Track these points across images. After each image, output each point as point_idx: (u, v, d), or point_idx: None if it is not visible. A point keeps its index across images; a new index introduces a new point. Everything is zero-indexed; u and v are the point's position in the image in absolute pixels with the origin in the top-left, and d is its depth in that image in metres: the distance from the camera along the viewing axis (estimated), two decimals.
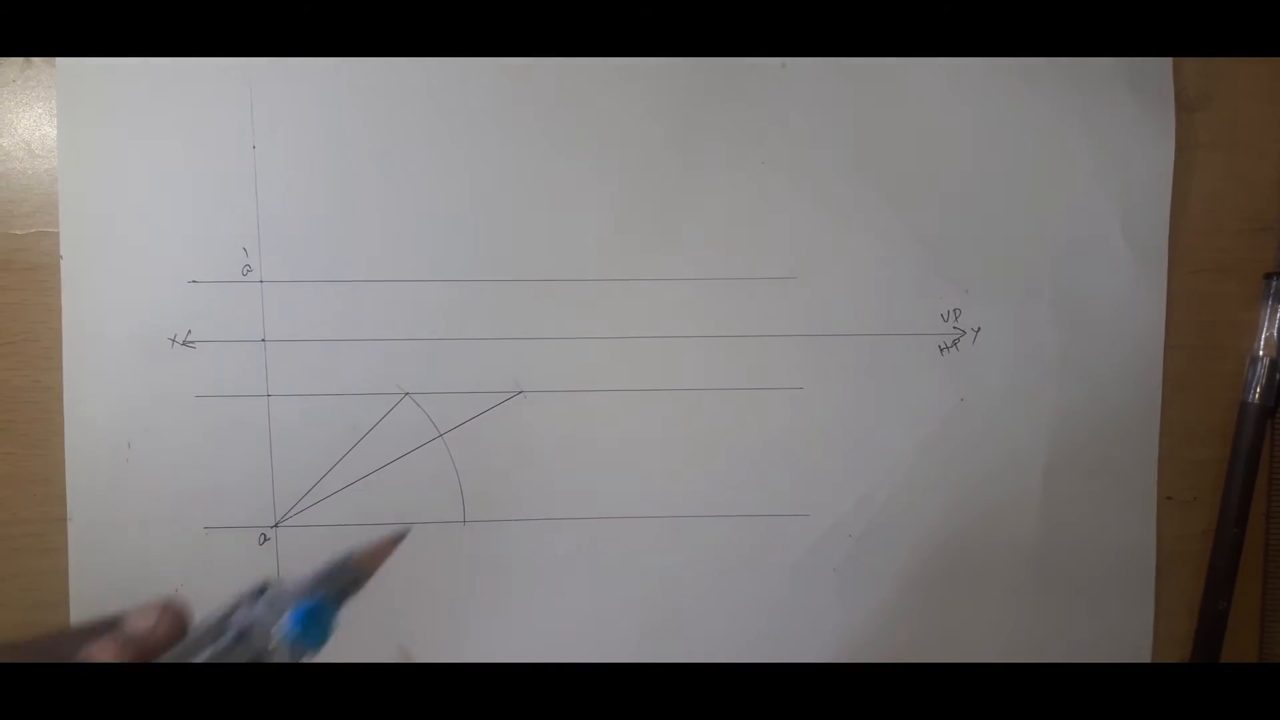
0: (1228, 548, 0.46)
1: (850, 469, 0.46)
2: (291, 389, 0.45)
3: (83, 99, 0.44)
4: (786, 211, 0.46)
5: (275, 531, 0.45)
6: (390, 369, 0.45)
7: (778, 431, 0.46)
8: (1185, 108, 0.46)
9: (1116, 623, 0.47)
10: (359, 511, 0.45)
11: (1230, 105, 0.46)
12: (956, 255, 0.46)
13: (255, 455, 0.45)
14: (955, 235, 0.46)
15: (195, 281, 0.44)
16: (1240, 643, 0.47)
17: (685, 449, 0.46)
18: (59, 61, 0.44)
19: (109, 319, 0.44)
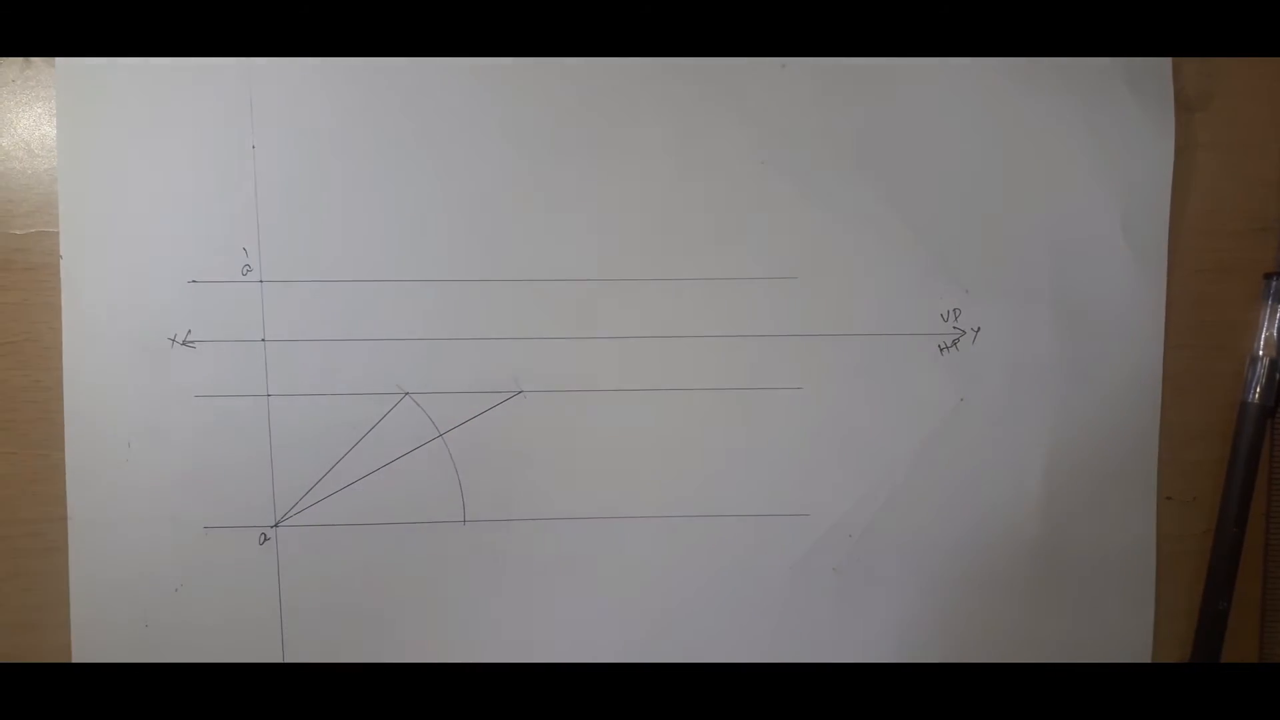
0: (1227, 548, 0.46)
1: (850, 469, 0.46)
2: (291, 389, 0.45)
3: (82, 99, 0.44)
4: (786, 211, 0.46)
5: (275, 531, 0.45)
6: (390, 369, 0.45)
7: (777, 431, 0.46)
8: (1185, 108, 0.46)
9: (1116, 623, 0.47)
10: (359, 511, 0.45)
11: (1230, 105, 0.46)
12: (956, 255, 0.46)
13: (255, 455, 0.45)
14: (955, 235, 0.46)
15: (195, 281, 0.44)
16: (1240, 643, 0.47)
17: (685, 449, 0.46)
18: (59, 61, 0.44)
19: (109, 319, 0.44)
